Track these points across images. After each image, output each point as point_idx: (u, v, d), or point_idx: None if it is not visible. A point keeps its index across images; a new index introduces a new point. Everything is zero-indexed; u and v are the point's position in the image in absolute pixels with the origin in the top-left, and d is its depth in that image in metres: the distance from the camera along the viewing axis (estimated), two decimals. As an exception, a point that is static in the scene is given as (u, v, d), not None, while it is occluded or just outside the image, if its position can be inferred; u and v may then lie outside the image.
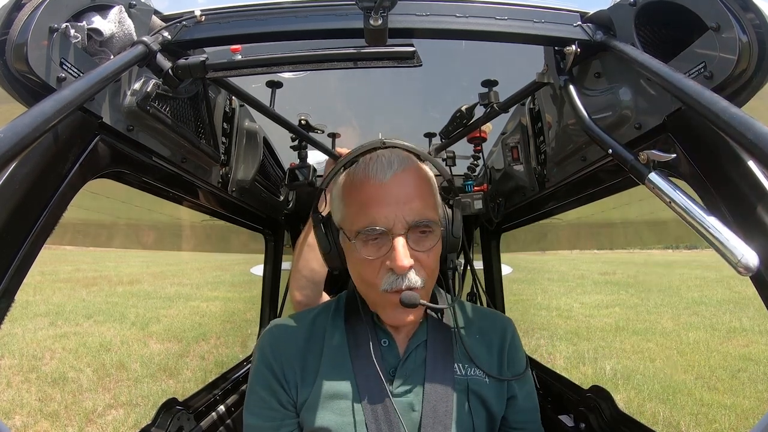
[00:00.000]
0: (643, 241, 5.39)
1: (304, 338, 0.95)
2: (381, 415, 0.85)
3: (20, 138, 0.54)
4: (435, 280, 0.89)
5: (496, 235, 2.39)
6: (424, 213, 0.82)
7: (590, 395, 1.55)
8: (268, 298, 2.37)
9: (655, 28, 0.84)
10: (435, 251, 0.85)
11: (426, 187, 0.87)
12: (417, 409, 0.87)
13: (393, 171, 0.83)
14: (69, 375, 5.81)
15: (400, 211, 0.80)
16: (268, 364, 0.91)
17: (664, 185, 0.70)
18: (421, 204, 0.82)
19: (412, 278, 0.81)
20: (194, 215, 1.82)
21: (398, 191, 0.81)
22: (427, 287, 0.85)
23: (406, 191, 0.82)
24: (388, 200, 0.81)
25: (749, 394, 5.33)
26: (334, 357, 0.91)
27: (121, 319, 9.35)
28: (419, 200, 0.83)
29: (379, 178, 0.82)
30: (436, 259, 0.86)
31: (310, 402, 0.88)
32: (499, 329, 1.01)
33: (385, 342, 0.93)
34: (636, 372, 6.14)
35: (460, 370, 0.92)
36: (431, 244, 0.83)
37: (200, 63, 0.84)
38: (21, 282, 0.67)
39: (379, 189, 0.82)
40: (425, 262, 0.83)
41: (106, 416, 4.67)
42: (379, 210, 0.81)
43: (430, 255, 0.84)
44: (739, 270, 0.59)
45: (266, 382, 0.91)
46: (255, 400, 0.91)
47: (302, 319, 0.99)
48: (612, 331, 8.75)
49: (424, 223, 0.82)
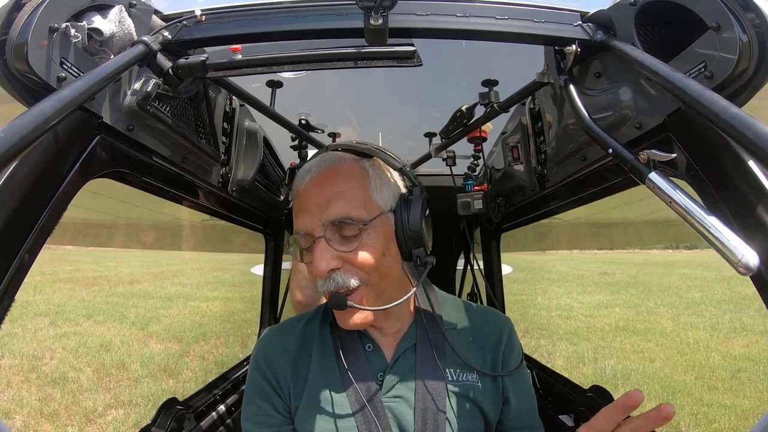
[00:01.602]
0: (643, 241, 5.39)
1: (295, 346, 0.95)
2: (372, 421, 0.84)
3: (20, 138, 0.54)
4: (387, 278, 0.85)
5: (497, 235, 2.39)
6: (342, 212, 0.80)
7: (591, 395, 1.55)
8: (268, 298, 2.37)
9: (656, 28, 0.84)
10: (367, 250, 0.80)
11: (349, 185, 0.83)
12: (408, 414, 0.86)
13: (310, 176, 0.84)
14: (69, 375, 5.81)
15: (317, 215, 0.81)
16: (263, 373, 0.92)
17: (664, 185, 0.70)
18: (340, 203, 0.81)
19: (339, 280, 0.80)
20: (194, 215, 1.82)
21: (315, 197, 0.82)
22: (372, 286, 0.82)
23: (323, 194, 0.82)
24: (305, 206, 0.83)
25: (749, 394, 5.32)
26: (323, 364, 0.91)
27: (121, 319, 9.34)
28: (338, 200, 0.81)
29: (300, 187, 0.85)
30: (373, 255, 0.81)
31: (302, 410, 0.88)
32: (495, 329, 0.97)
33: (369, 347, 0.92)
34: (636, 372, 6.14)
35: (451, 375, 0.90)
36: (356, 244, 0.80)
37: (200, 63, 0.84)
38: (21, 282, 0.67)
39: (301, 197, 0.85)
40: (355, 262, 0.80)
41: (107, 416, 4.68)
42: (300, 217, 0.83)
43: (358, 254, 0.80)
44: (739, 270, 0.59)
45: (261, 389, 0.91)
46: (252, 407, 0.92)
47: (294, 326, 0.99)
48: (612, 331, 8.75)
49: (340, 221, 0.79)
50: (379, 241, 0.82)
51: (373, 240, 0.81)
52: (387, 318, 0.93)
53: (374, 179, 0.85)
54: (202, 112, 1.15)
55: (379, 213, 0.83)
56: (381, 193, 0.85)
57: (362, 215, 0.81)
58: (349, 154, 0.89)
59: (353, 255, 0.80)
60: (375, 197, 0.84)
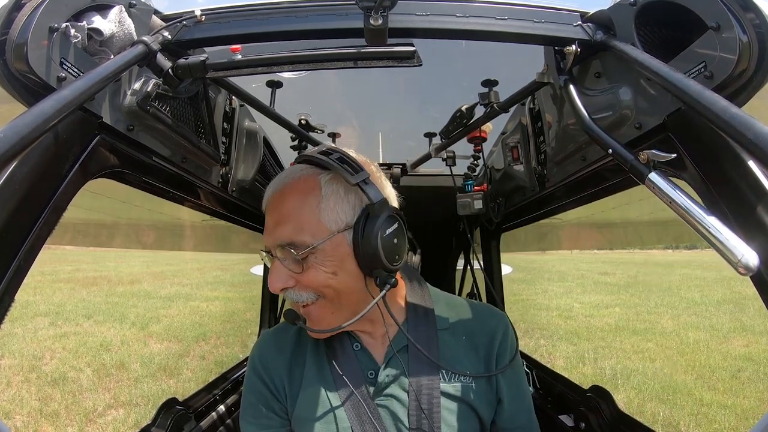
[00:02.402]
0: (643, 241, 5.39)
1: (290, 348, 0.96)
2: (366, 422, 0.84)
3: (20, 138, 0.54)
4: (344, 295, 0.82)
5: (496, 235, 2.39)
6: (286, 236, 0.80)
7: (590, 395, 1.55)
8: (268, 298, 2.37)
9: (656, 28, 0.84)
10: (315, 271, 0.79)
11: (297, 208, 0.81)
12: (402, 415, 0.86)
13: (270, 194, 0.86)
14: (69, 375, 5.80)
15: (272, 236, 0.83)
16: (259, 375, 0.93)
17: (664, 185, 0.70)
18: (286, 228, 0.80)
19: (294, 295, 0.83)
20: (194, 215, 1.82)
21: (269, 217, 0.85)
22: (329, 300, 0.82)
23: (277, 216, 0.83)
24: (267, 226, 0.85)
25: (749, 394, 5.32)
26: (316, 365, 0.92)
27: (122, 319, 9.34)
28: (284, 224, 0.81)
29: (265, 205, 0.87)
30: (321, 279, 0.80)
31: (297, 412, 0.89)
32: (489, 329, 0.95)
33: (357, 346, 0.92)
34: (636, 372, 6.13)
35: (444, 375, 0.89)
36: (301, 267, 0.80)
37: (200, 63, 0.84)
38: (21, 282, 0.67)
39: (266, 215, 0.87)
40: (304, 282, 0.81)
41: (107, 416, 4.67)
42: (265, 235, 0.86)
43: (305, 275, 0.80)
44: (739, 270, 0.59)
45: (259, 392, 0.92)
46: (250, 409, 0.93)
47: (290, 328, 0.99)
48: (612, 331, 8.74)
49: (287, 246, 0.79)
50: (330, 261, 0.79)
51: (322, 261, 0.79)
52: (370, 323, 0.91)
53: (327, 198, 0.80)
54: (201, 112, 1.16)
55: (329, 236, 0.79)
56: (333, 212, 0.80)
57: (306, 240, 0.79)
58: (308, 169, 0.85)
59: (302, 276, 0.81)
60: (325, 218, 0.80)
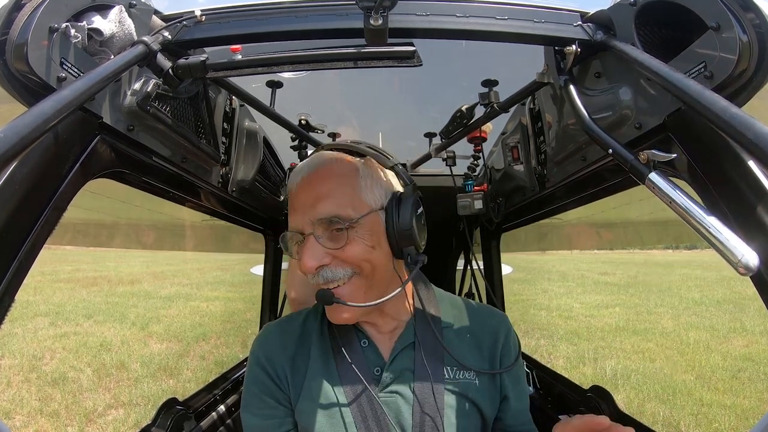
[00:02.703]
0: (643, 241, 5.39)
1: (294, 341, 0.95)
2: (369, 417, 0.85)
3: (20, 138, 0.54)
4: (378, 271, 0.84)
5: (497, 235, 2.39)
6: (329, 210, 0.81)
7: (590, 395, 1.55)
8: (268, 298, 2.37)
9: (656, 28, 0.84)
10: (355, 244, 0.82)
11: (338, 184, 0.84)
12: (406, 411, 0.86)
13: (301, 176, 0.87)
14: (69, 375, 5.80)
15: (306, 213, 0.83)
16: (262, 366, 0.92)
17: (664, 185, 0.70)
18: (328, 202, 0.82)
19: (328, 275, 0.82)
20: (194, 215, 1.82)
21: (305, 196, 0.85)
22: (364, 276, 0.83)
23: (315, 193, 0.84)
24: (297, 206, 0.85)
25: (749, 394, 5.32)
26: (321, 359, 0.92)
27: (122, 319, 9.34)
28: (326, 199, 0.83)
29: (293, 187, 0.88)
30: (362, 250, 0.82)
31: (300, 405, 0.89)
32: (492, 328, 0.98)
33: (365, 343, 0.92)
34: (636, 372, 6.14)
35: (448, 373, 0.90)
36: (344, 241, 0.81)
37: (200, 63, 0.84)
38: (21, 282, 0.67)
39: (293, 196, 0.87)
40: (343, 256, 0.82)
41: (107, 416, 4.67)
42: (292, 216, 0.86)
43: (346, 249, 0.81)
44: (739, 270, 0.59)
45: (262, 382, 0.91)
46: (253, 400, 0.92)
47: (293, 322, 0.99)
48: (612, 331, 8.75)
49: (329, 220, 0.81)
50: (368, 236, 0.83)
51: (362, 235, 0.82)
52: (381, 316, 0.93)
53: (365, 178, 0.86)
54: (202, 112, 1.16)
55: (368, 211, 0.83)
56: (371, 191, 0.85)
57: (350, 213, 0.82)
58: (342, 154, 0.90)
59: (341, 251, 0.82)
60: (364, 196, 0.84)
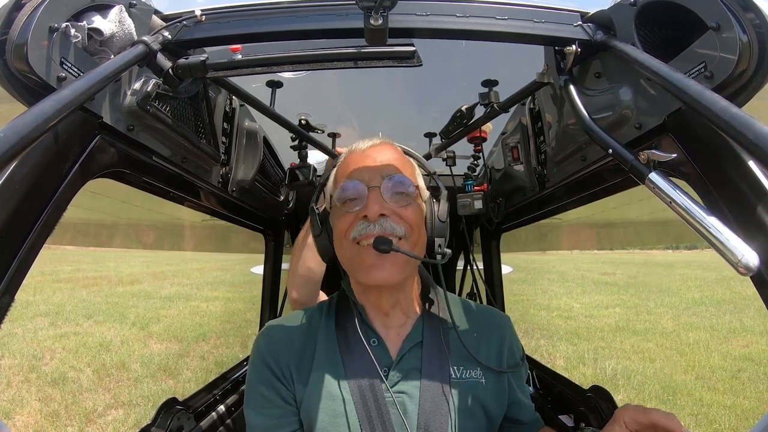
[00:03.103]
0: (643, 241, 5.39)
1: (299, 339, 0.95)
2: (375, 416, 0.84)
3: (20, 137, 0.54)
4: (422, 240, 0.91)
5: (497, 235, 2.39)
6: (400, 172, 0.89)
7: (590, 395, 1.55)
8: (268, 298, 2.37)
9: (656, 28, 0.84)
10: (415, 209, 0.89)
11: (403, 161, 0.94)
12: (413, 411, 0.86)
13: (372, 143, 0.95)
14: (69, 375, 5.80)
15: (378, 169, 0.89)
16: (266, 363, 0.91)
17: (664, 185, 0.70)
18: (398, 166, 0.90)
19: (386, 224, 0.85)
20: (195, 215, 1.82)
21: (375, 155, 0.91)
22: (412, 240, 0.88)
23: (383, 157, 0.91)
24: (365, 162, 0.91)
25: (749, 394, 5.32)
26: (327, 357, 0.91)
27: (121, 319, 9.34)
28: (396, 164, 0.91)
29: (361, 148, 0.94)
30: (418, 217, 0.89)
31: (305, 402, 0.88)
32: (497, 328, 1.00)
33: (374, 341, 0.92)
34: (636, 372, 6.13)
35: (455, 372, 0.91)
36: (407, 201, 0.88)
37: (200, 63, 0.84)
38: (21, 281, 0.67)
39: (359, 155, 0.93)
40: (404, 215, 0.87)
41: (106, 416, 4.67)
42: (357, 170, 0.90)
43: (408, 209, 0.88)
44: (739, 270, 0.59)
45: (266, 379, 0.91)
46: (257, 398, 0.91)
47: (297, 319, 0.99)
48: (612, 332, 8.75)
49: (398, 179, 0.87)
50: (421, 210, 0.91)
51: (419, 205, 0.91)
52: (397, 305, 0.95)
53: (417, 169, 0.99)
54: (202, 112, 1.16)
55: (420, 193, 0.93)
56: (421, 181, 0.96)
57: (414, 183, 0.91)
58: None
59: (404, 209, 0.87)
60: (418, 181, 0.95)
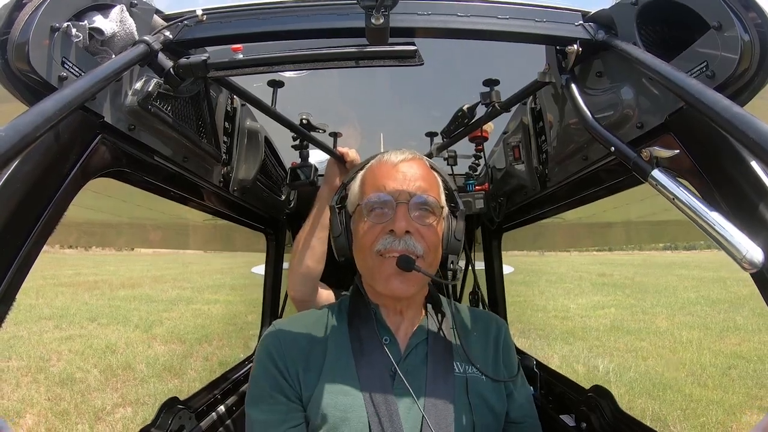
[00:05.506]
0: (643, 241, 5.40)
1: (306, 337, 0.95)
2: (383, 412, 0.85)
3: (21, 137, 0.54)
4: (437, 259, 0.93)
5: (498, 234, 2.38)
6: (428, 192, 0.91)
7: (591, 395, 1.55)
8: (269, 297, 2.37)
9: (657, 28, 0.84)
10: (436, 230, 0.91)
11: (431, 178, 0.96)
12: (419, 405, 0.87)
13: (404, 157, 0.96)
14: (77, 375, 5.85)
15: (406, 185, 0.91)
16: (273, 360, 0.91)
17: (667, 182, 0.70)
18: (425, 185, 0.92)
19: (410, 242, 0.87)
20: (196, 215, 1.82)
21: (406, 171, 0.93)
22: (428, 260, 0.90)
23: (413, 173, 0.93)
24: (396, 176, 0.92)
25: (738, 390, 5.35)
26: (338, 355, 0.92)
27: (125, 322, 9.38)
28: (424, 183, 0.92)
29: (392, 161, 0.95)
30: (437, 238, 0.92)
31: (314, 399, 0.88)
32: (494, 330, 1.05)
33: (387, 339, 0.94)
34: (628, 369, 6.15)
35: (458, 368, 0.94)
36: (432, 221, 0.91)
37: (202, 62, 0.84)
38: (22, 281, 0.67)
39: (390, 168, 0.94)
40: (425, 234, 0.89)
41: (115, 414, 4.73)
42: (387, 182, 0.92)
43: (431, 230, 0.90)
44: (743, 266, 0.59)
45: (272, 377, 0.91)
46: (260, 395, 0.91)
47: (305, 319, 1.01)
48: (607, 331, 8.77)
49: (426, 200, 0.90)
50: (439, 231, 0.93)
51: (439, 225, 0.93)
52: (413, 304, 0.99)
53: (441, 185, 1.00)
54: (203, 111, 1.15)
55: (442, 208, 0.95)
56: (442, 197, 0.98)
57: (439, 203, 0.93)
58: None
59: (427, 229, 0.90)
60: (442, 200, 0.96)
